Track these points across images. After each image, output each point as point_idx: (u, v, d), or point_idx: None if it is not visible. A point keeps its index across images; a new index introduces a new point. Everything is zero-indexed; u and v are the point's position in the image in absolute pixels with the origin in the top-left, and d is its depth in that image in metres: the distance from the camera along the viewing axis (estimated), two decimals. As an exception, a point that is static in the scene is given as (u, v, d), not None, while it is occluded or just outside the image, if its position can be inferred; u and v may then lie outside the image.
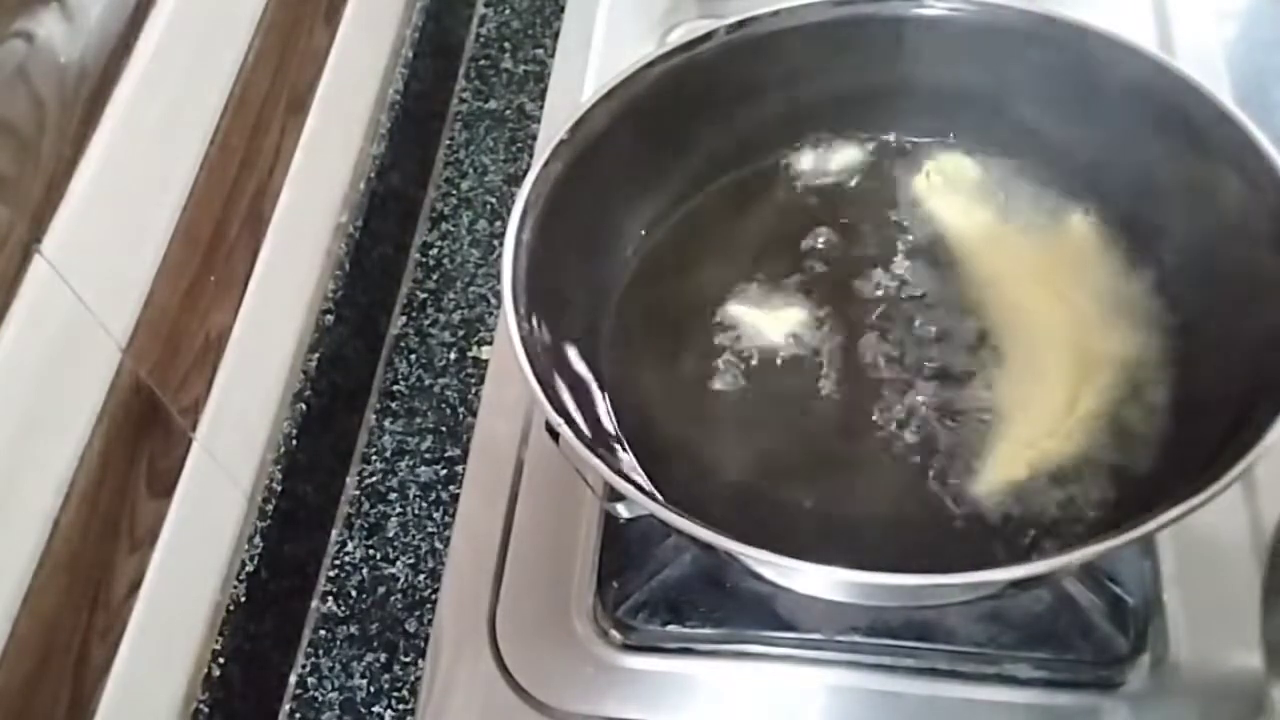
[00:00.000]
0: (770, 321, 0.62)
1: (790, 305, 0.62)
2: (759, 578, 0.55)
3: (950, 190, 0.65)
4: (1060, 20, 0.59)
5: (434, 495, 0.66)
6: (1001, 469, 0.56)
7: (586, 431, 0.52)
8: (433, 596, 0.62)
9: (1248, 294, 0.53)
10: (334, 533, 0.66)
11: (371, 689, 0.60)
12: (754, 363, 0.61)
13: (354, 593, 0.64)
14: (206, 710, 0.55)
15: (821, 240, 0.64)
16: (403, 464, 0.68)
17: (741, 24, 0.61)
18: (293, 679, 0.61)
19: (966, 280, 0.62)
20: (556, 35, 0.85)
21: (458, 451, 0.68)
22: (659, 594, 0.59)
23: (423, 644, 0.61)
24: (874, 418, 0.58)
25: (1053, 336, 0.59)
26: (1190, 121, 0.56)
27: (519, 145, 0.81)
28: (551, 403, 0.50)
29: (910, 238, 0.64)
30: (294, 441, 0.63)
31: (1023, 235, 0.63)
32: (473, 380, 0.70)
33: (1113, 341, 0.59)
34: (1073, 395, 0.57)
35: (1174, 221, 0.59)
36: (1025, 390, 0.58)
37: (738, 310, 0.62)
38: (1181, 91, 0.56)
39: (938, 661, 0.57)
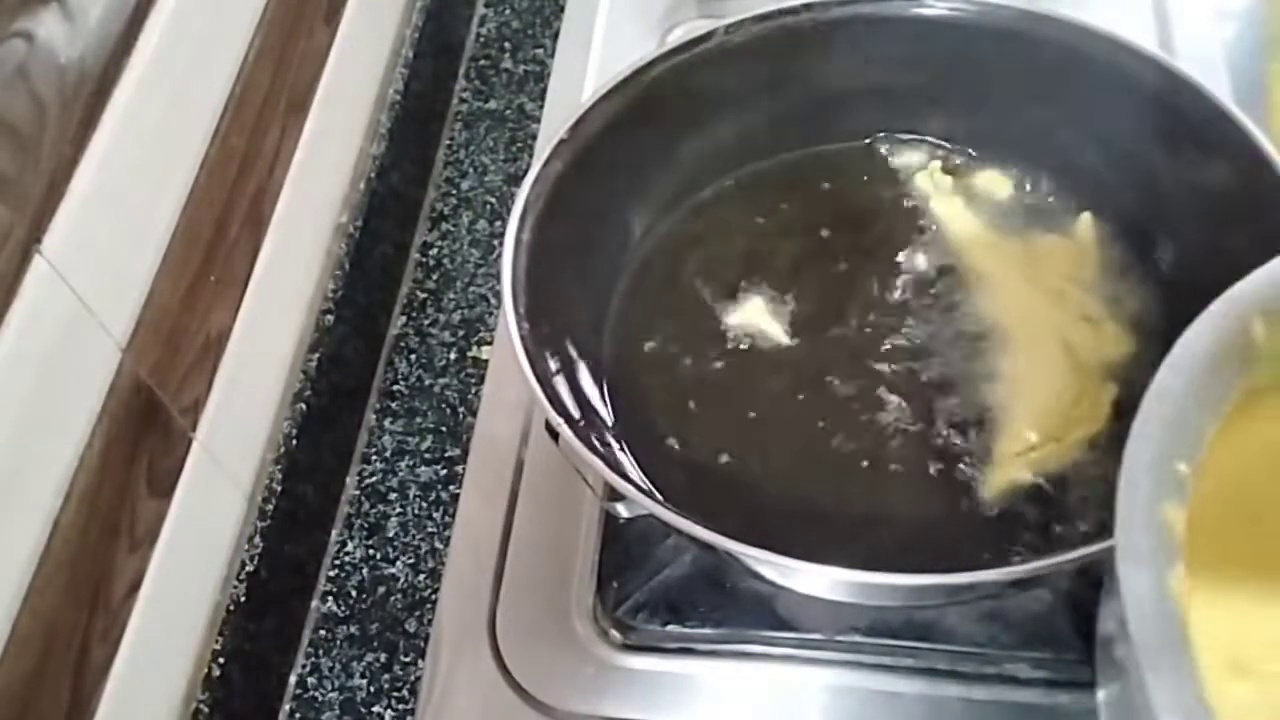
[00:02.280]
0: (771, 321, 0.62)
1: (791, 305, 0.62)
2: (759, 578, 0.55)
3: (950, 190, 0.65)
4: (1060, 20, 0.59)
5: (434, 495, 0.66)
6: (1003, 470, 0.56)
7: (586, 432, 0.52)
8: (433, 596, 0.62)
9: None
10: (334, 533, 0.66)
11: (371, 689, 0.60)
12: (755, 362, 0.61)
13: (354, 593, 0.64)
14: (206, 710, 0.55)
15: (822, 240, 0.64)
16: (403, 464, 0.68)
17: (741, 24, 0.61)
18: (293, 679, 0.61)
19: (967, 281, 0.62)
20: (556, 35, 0.85)
21: (458, 451, 0.68)
22: (659, 594, 0.59)
23: (423, 644, 0.61)
24: (875, 418, 0.58)
25: (1053, 338, 0.59)
26: (1190, 121, 0.56)
27: (519, 145, 0.81)
28: (551, 403, 0.50)
29: (910, 239, 0.64)
30: (294, 441, 0.63)
31: (1023, 236, 0.63)
32: (473, 380, 0.70)
33: (1113, 343, 0.59)
34: (1074, 397, 0.57)
35: (1174, 222, 0.59)
36: (1027, 392, 0.58)
37: (738, 309, 0.62)
38: (1181, 91, 0.56)
39: (938, 661, 0.57)
